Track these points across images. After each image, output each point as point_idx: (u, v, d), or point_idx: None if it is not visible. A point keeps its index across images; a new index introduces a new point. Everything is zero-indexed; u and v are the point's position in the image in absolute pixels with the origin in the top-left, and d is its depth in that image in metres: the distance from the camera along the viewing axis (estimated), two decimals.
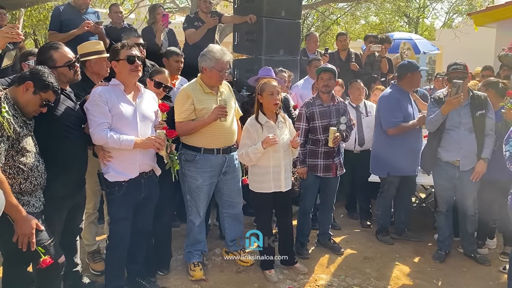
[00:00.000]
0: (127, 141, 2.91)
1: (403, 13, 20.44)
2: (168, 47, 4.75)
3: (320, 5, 13.03)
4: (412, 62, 4.42)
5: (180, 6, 12.21)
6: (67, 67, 2.85)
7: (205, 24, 5.40)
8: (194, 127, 3.46)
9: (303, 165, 3.99)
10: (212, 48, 3.52)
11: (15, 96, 2.51)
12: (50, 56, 2.81)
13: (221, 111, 3.39)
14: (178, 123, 3.45)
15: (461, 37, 13.58)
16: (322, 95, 4.01)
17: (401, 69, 4.30)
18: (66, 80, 2.88)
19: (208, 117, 3.42)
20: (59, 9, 4.99)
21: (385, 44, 6.85)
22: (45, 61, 2.78)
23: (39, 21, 11.17)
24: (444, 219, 4.10)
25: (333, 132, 3.86)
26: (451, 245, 4.15)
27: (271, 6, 5.21)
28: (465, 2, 13.55)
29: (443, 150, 3.95)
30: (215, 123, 3.45)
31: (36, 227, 2.47)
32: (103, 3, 12.92)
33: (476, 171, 3.85)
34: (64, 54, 2.86)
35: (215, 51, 3.48)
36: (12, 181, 2.45)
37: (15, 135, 2.42)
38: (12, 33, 2.57)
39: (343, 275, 3.78)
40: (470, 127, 3.85)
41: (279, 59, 5.25)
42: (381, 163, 4.33)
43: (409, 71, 4.21)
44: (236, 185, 3.76)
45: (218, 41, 8.10)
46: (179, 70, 4.46)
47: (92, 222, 3.66)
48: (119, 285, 3.17)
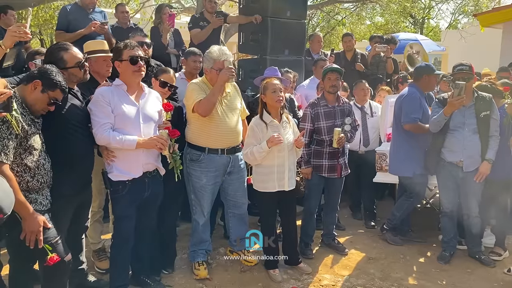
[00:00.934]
0: (129, 141, 2.92)
1: (408, 14, 20.40)
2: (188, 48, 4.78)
3: (325, 6, 13.03)
4: (429, 65, 4.40)
5: (185, 6, 12.24)
6: (78, 67, 2.87)
7: (210, 24, 5.42)
8: (212, 96, 3.37)
9: (307, 166, 4.00)
10: (210, 49, 3.53)
11: (23, 94, 2.54)
12: (61, 58, 2.83)
13: (230, 71, 3.37)
14: (197, 103, 3.38)
15: (466, 38, 13.54)
16: (327, 95, 4.02)
17: (418, 71, 4.29)
18: (76, 80, 2.91)
19: (219, 78, 3.36)
20: (66, 9, 5.02)
21: (391, 44, 6.85)
22: (55, 62, 2.79)
23: (45, 21, 11.25)
24: (449, 220, 4.08)
25: (337, 133, 3.86)
26: (455, 246, 4.13)
27: (277, 6, 5.21)
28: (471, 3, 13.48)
29: (447, 150, 3.94)
30: (220, 122, 3.47)
31: (44, 224, 2.50)
32: (109, 3, 12.98)
33: (480, 172, 3.83)
34: (74, 55, 2.88)
35: (213, 51, 3.49)
36: (19, 178, 2.47)
37: (23, 133, 2.44)
38: (20, 32, 2.59)
39: (347, 276, 3.78)
40: (474, 128, 3.84)
41: (284, 59, 5.26)
42: (405, 162, 4.20)
43: (425, 73, 4.19)
44: (241, 186, 3.77)
45: (224, 41, 8.12)
46: (197, 69, 4.45)
47: (97, 221, 3.69)
48: (123, 283, 3.19)
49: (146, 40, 4.27)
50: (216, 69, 3.45)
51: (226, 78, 3.38)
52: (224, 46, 3.86)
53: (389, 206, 5.24)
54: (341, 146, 3.98)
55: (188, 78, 4.32)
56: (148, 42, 4.26)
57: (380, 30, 21.01)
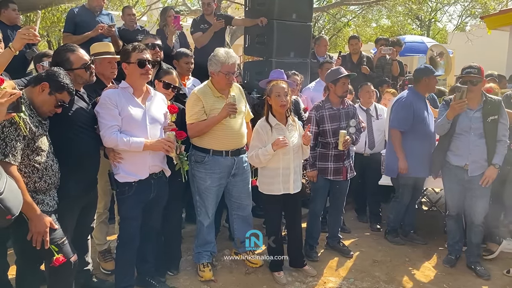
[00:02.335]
0: (136, 143, 2.94)
1: (414, 16, 20.35)
2: (178, 49, 4.79)
3: (331, 8, 13.04)
4: (428, 67, 4.40)
5: (191, 9, 12.28)
6: (84, 69, 2.90)
7: (211, 27, 5.43)
8: (205, 126, 3.48)
9: (313, 168, 4.00)
10: (217, 52, 3.54)
11: (31, 96, 2.56)
12: (67, 59, 2.86)
13: (231, 107, 3.40)
14: (189, 124, 3.48)
15: (473, 40, 13.47)
16: (333, 98, 4.01)
17: (417, 74, 4.31)
18: (82, 82, 2.94)
19: (219, 114, 3.43)
20: (73, 11, 5.06)
21: (396, 47, 6.83)
22: (61, 63, 2.82)
23: (52, 23, 11.32)
24: (454, 223, 4.05)
25: (343, 135, 3.86)
26: (461, 250, 4.10)
27: (282, 9, 5.22)
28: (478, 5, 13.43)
29: (452, 154, 3.90)
30: (224, 125, 3.48)
31: (50, 225, 2.52)
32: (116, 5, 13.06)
33: (486, 176, 3.75)
34: (80, 57, 2.91)
35: (220, 55, 3.50)
36: (27, 179, 2.49)
37: (30, 135, 2.46)
38: (29, 34, 2.62)
39: (352, 278, 3.77)
40: (480, 133, 3.76)
41: (289, 61, 5.26)
42: (393, 164, 4.29)
43: (424, 76, 4.22)
44: (245, 187, 3.77)
45: (229, 43, 8.14)
46: (190, 70, 4.50)
47: (103, 222, 3.71)
48: (129, 284, 3.20)
49: (158, 41, 4.28)
50: (225, 72, 3.46)
51: (226, 114, 3.41)
52: (229, 48, 3.87)
53: None
54: (347, 149, 3.98)
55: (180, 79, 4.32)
56: (160, 44, 4.27)
57: (386, 33, 20.96)
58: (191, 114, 3.49)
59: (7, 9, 5.04)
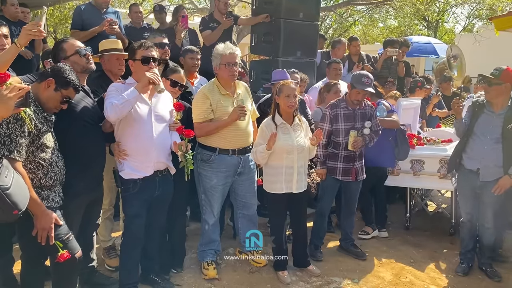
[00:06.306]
0: (129, 93, 2.81)
1: (422, 17, 20.23)
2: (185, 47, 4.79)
3: (338, 8, 13.00)
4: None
5: (198, 7, 12.29)
6: (77, 54, 2.90)
7: (221, 25, 5.42)
8: (215, 128, 3.47)
9: (323, 167, 3.98)
10: (216, 47, 3.54)
11: (36, 92, 2.56)
12: (61, 48, 2.91)
13: (241, 110, 3.41)
14: (197, 123, 3.47)
15: (481, 42, 13.38)
16: (350, 100, 3.96)
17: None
18: (79, 69, 2.90)
19: (229, 117, 3.43)
20: (80, 9, 5.07)
21: (404, 47, 6.79)
22: (57, 53, 2.90)
23: (60, 20, 11.37)
24: (468, 231, 3.91)
25: (353, 135, 3.83)
26: (473, 259, 3.96)
27: (289, 8, 5.21)
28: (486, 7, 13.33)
29: (466, 156, 3.79)
30: (232, 124, 3.47)
31: (55, 221, 2.52)
32: (123, 3, 13.09)
33: (499, 185, 3.59)
34: (72, 43, 2.94)
35: (218, 47, 3.51)
36: (32, 176, 2.50)
37: (36, 131, 2.46)
38: (35, 30, 2.62)
39: (357, 279, 3.75)
40: (497, 137, 3.60)
41: (296, 61, 5.24)
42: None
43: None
44: (251, 186, 3.77)
45: (236, 42, 8.14)
46: (195, 67, 4.48)
47: (107, 218, 3.72)
48: (133, 281, 3.20)
49: (165, 40, 4.28)
50: (225, 63, 3.45)
51: (237, 117, 3.41)
52: (236, 46, 3.86)
53: (400, 210, 5.20)
54: (357, 149, 3.92)
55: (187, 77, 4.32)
56: (168, 42, 4.27)
57: (393, 33, 20.86)
58: (198, 113, 3.48)
59: (5, 5, 5.07)
